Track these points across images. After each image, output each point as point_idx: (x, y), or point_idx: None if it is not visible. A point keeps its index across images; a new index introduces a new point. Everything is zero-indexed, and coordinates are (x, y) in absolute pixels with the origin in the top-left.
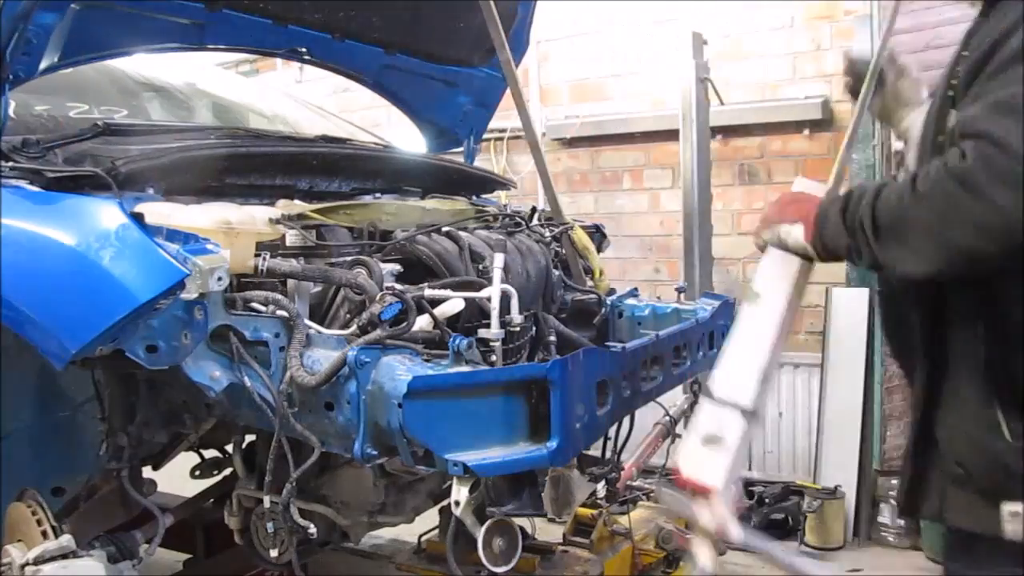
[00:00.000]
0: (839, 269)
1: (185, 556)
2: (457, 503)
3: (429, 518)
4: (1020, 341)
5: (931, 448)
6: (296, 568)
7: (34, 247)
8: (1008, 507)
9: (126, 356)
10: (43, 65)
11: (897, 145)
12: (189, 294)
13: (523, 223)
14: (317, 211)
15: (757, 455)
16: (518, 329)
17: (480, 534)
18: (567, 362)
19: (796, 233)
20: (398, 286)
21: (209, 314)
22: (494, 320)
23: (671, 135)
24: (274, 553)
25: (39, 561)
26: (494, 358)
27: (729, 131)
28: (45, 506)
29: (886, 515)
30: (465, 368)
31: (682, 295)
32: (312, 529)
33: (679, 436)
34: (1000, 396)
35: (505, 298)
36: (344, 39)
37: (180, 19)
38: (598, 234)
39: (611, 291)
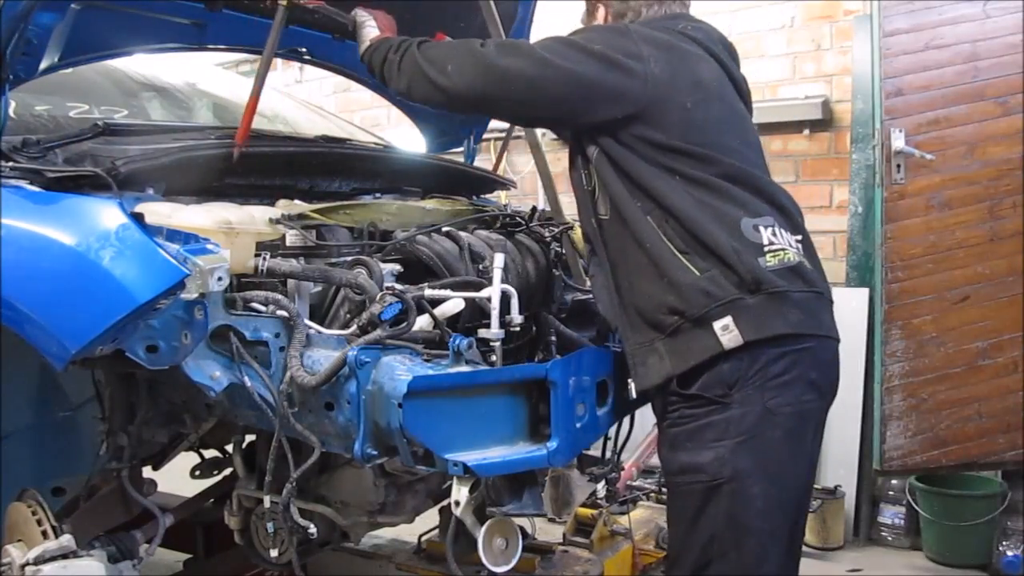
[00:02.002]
0: (839, 269)
1: (185, 556)
2: (457, 503)
3: (429, 518)
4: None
5: (640, 324)
6: (296, 568)
7: (34, 247)
8: (718, 324)
9: (126, 356)
10: (43, 65)
11: (897, 145)
12: (189, 294)
13: (523, 223)
14: (317, 211)
15: None
16: (518, 329)
17: (480, 534)
18: (567, 362)
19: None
20: (398, 286)
21: (209, 314)
22: (494, 320)
23: None
24: (274, 553)
25: (39, 561)
26: (494, 358)
27: None
28: (45, 506)
29: (886, 515)
30: (465, 368)
31: None
32: (312, 529)
33: None
34: (677, 247)
35: (505, 298)
36: (344, 39)
37: (180, 19)
38: None
39: None
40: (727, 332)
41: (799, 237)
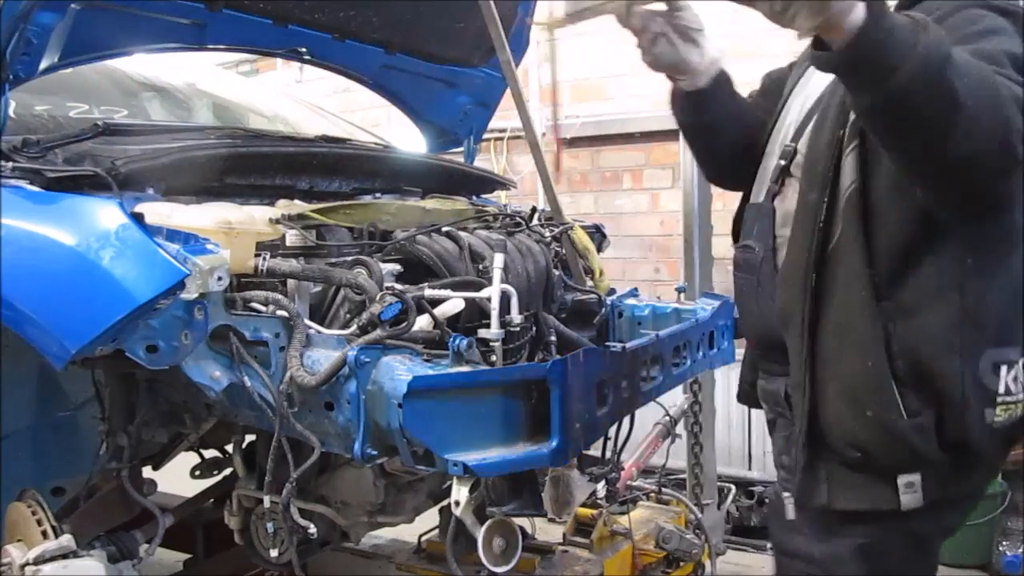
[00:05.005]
0: None
1: (185, 556)
2: (457, 503)
3: (429, 518)
4: (912, 314)
5: (818, 435)
6: (296, 568)
7: (34, 247)
8: (904, 479)
9: (126, 356)
10: (43, 65)
11: None
12: (189, 294)
13: (523, 223)
14: (317, 211)
15: (757, 455)
16: (518, 329)
17: (480, 534)
18: (567, 362)
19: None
20: (398, 286)
21: (209, 314)
22: (494, 320)
23: (671, 135)
24: (274, 553)
25: (39, 561)
26: (494, 358)
27: None
28: (45, 506)
29: None
30: (465, 368)
31: (682, 295)
32: (312, 529)
33: (679, 436)
34: (895, 375)
35: (505, 298)
36: (344, 39)
37: (180, 19)
38: (598, 234)
39: (611, 291)
40: (910, 490)
41: None
